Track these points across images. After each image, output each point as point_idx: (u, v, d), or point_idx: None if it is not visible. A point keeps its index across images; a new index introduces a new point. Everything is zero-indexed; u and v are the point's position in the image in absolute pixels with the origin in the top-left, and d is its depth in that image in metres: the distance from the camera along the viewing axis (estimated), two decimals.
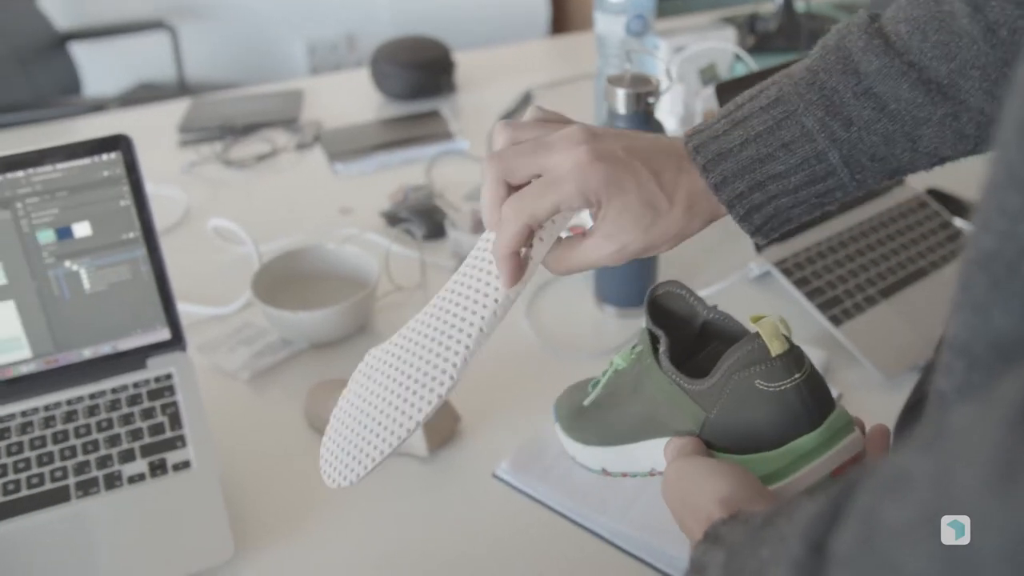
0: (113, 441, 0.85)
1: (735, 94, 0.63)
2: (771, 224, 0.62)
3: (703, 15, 1.86)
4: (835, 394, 0.89)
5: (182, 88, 2.73)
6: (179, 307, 0.94)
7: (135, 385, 0.89)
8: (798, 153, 0.59)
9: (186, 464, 0.83)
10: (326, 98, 1.77)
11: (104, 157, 0.87)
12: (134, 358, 0.92)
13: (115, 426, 0.86)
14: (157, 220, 0.91)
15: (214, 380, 1.01)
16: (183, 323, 0.94)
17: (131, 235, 0.89)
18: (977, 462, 0.25)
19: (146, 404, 0.88)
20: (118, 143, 0.87)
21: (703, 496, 0.52)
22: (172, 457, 0.84)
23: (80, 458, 0.84)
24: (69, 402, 0.88)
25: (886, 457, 0.30)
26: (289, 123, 1.64)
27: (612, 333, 1.07)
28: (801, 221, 0.63)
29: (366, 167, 1.48)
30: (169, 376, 0.90)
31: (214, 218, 1.29)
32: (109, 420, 0.87)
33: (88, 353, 0.91)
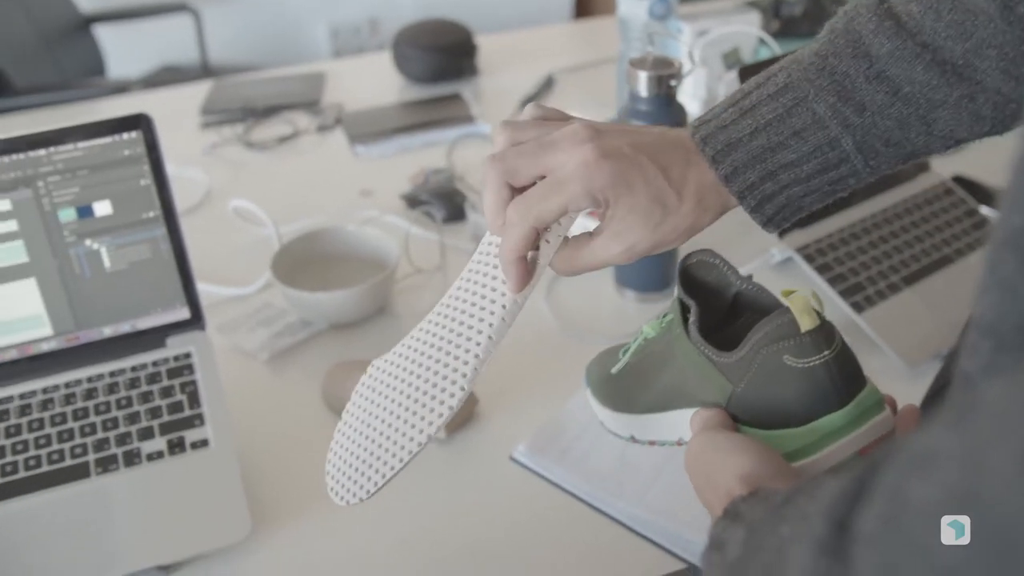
0: (132, 419, 0.85)
1: None
2: (783, 214, 0.60)
3: None
4: None
5: (205, 71, 2.74)
6: (199, 287, 0.94)
7: (154, 364, 0.90)
8: (810, 141, 0.57)
9: (204, 442, 0.84)
10: (348, 81, 1.77)
11: (125, 136, 0.87)
12: (154, 337, 0.92)
13: (134, 404, 0.87)
14: (178, 201, 0.92)
15: (233, 360, 1.02)
16: (203, 303, 0.94)
17: (151, 214, 0.89)
18: (1010, 440, 0.24)
19: (165, 383, 0.88)
20: (139, 122, 0.87)
21: (725, 471, 0.52)
22: (190, 435, 0.84)
23: (100, 435, 0.84)
24: (89, 380, 0.89)
25: (914, 434, 0.30)
26: (311, 105, 1.64)
27: (632, 317, 1.07)
28: (812, 209, 0.61)
29: (387, 150, 1.48)
30: (188, 355, 0.91)
31: (235, 199, 1.30)
32: (128, 398, 0.87)
33: (108, 331, 0.91)
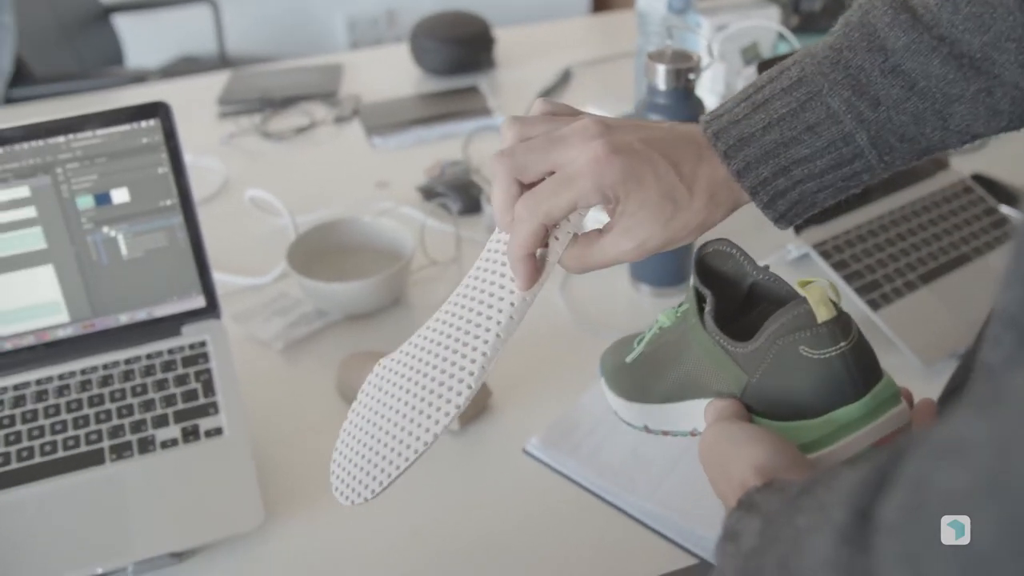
0: (147, 406, 0.86)
1: None
2: (795, 210, 0.59)
3: None
4: None
5: (223, 61, 2.74)
6: (215, 276, 0.94)
7: (170, 351, 0.90)
8: (824, 136, 0.56)
9: (218, 431, 0.84)
10: (365, 72, 1.77)
11: (143, 124, 0.87)
12: (169, 325, 0.92)
13: (149, 391, 0.87)
14: (196, 190, 0.92)
15: (248, 349, 1.02)
16: (219, 292, 0.95)
17: (168, 202, 0.90)
18: None
19: (180, 371, 0.89)
20: (157, 110, 0.88)
21: (739, 462, 0.51)
22: (205, 423, 0.85)
23: (115, 422, 0.85)
24: (105, 367, 0.89)
25: (936, 424, 0.30)
26: (328, 96, 1.65)
27: (646, 312, 1.07)
28: (825, 205, 0.60)
29: (403, 141, 1.48)
30: (203, 343, 0.91)
31: (251, 189, 1.30)
32: (143, 385, 0.87)
33: (124, 319, 0.91)
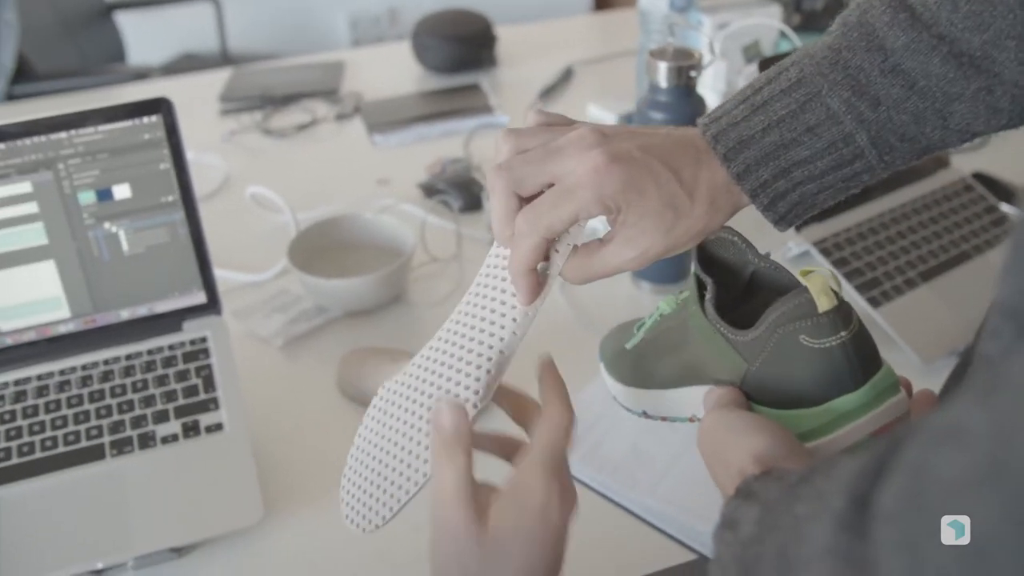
0: (148, 402, 0.86)
1: None
2: (795, 211, 0.59)
3: None
4: None
5: (225, 59, 2.75)
6: (216, 273, 0.94)
7: (170, 347, 0.90)
8: (824, 137, 0.56)
9: (219, 426, 0.84)
10: (367, 70, 1.77)
11: (145, 120, 0.87)
12: (170, 321, 0.92)
13: (150, 387, 0.87)
14: (197, 187, 0.92)
15: (248, 346, 1.02)
16: (219, 289, 0.95)
17: (170, 198, 0.90)
18: None
19: (181, 366, 0.89)
20: (159, 106, 0.88)
21: (738, 451, 0.51)
22: (205, 419, 0.85)
23: (115, 417, 0.85)
24: (106, 362, 0.89)
25: (935, 412, 0.30)
26: (329, 94, 1.65)
27: (647, 309, 1.06)
28: (825, 206, 0.60)
29: (405, 139, 1.48)
30: (204, 339, 0.91)
31: (253, 186, 1.30)
32: (144, 381, 0.88)
33: (126, 314, 0.92)
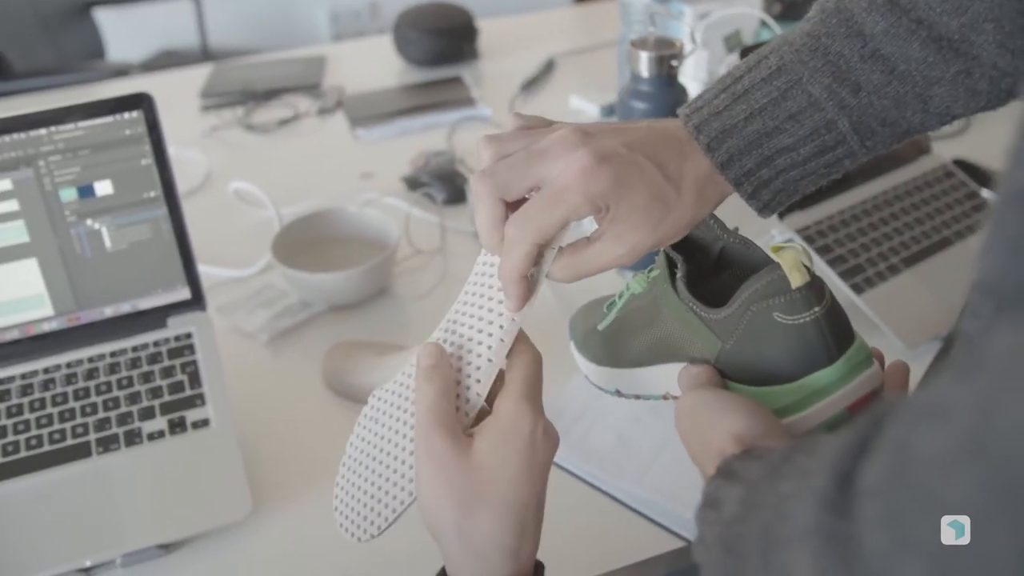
0: (133, 399, 0.86)
1: None
2: (778, 199, 0.59)
3: None
4: None
5: (205, 55, 2.73)
6: (199, 269, 0.94)
7: (155, 344, 0.90)
8: (806, 124, 0.56)
9: (205, 422, 0.84)
10: (348, 64, 1.77)
11: (126, 116, 0.87)
12: (154, 317, 0.92)
13: (135, 384, 0.87)
14: (179, 183, 0.92)
15: (233, 342, 1.02)
16: (203, 285, 0.94)
17: (152, 194, 0.89)
18: (1021, 389, 0.24)
19: (166, 363, 0.88)
20: (140, 102, 0.87)
21: (717, 431, 0.52)
22: (191, 415, 0.85)
23: (101, 415, 0.84)
24: (91, 360, 0.89)
25: (917, 390, 0.30)
26: (311, 88, 1.64)
27: None
28: (807, 192, 0.60)
29: (387, 132, 1.48)
30: (189, 335, 0.91)
31: (236, 181, 1.30)
32: (129, 378, 0.87)
33: (109, 311, 0.91)
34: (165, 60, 2.82)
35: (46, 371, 0.88)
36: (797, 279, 0.52)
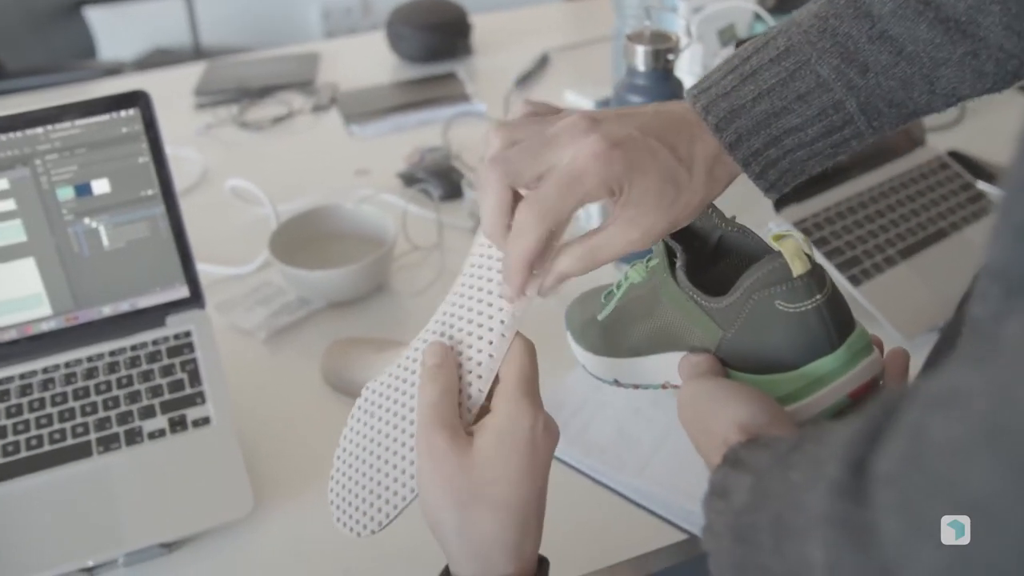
0: (133, 397, 0.86)
1: None
2: (785, 179, 0.60)
3: None
4: None
5: (197, 53, 2.72)
6: (196, 266, 0.94)
7: (154, 342, 0.90)
8: (814, 104, 0.57)
9: (206, 420, 0.84)
10: (342, 61, 1.76)
11: (123, 114, 0.87)
12: (153, 316, 0.92)
13: (135, 383, 0.87)
14: (174, 182, 0.91)
15: (232, 339, 1.02)
16: (201, 283, 0.94)
17: (150, 192, 0.89)
18: None
19: (165, 361, 0.88)
20: (136, 99, 0.87)
21: (721, 420, 0.52)
22: (192, 413, 0.84)
23: (101, 414, 0.84)
24: (89, 359, 0.89)
25: (930, 377, 0.30)
26: (305, 86, 1.64)
27: None
28: (813, 172, 0.61)
29: (382, 129, 1.48)
30: (188, 334, 0.91)
31: (232, 178, 1.29)
32: (129, 377, 0.87)
33: (108, 310, 0.91)
34: (157, 58, 2.81)
35: (45, 371, 0.88)
36: (799, 267, 0.52)
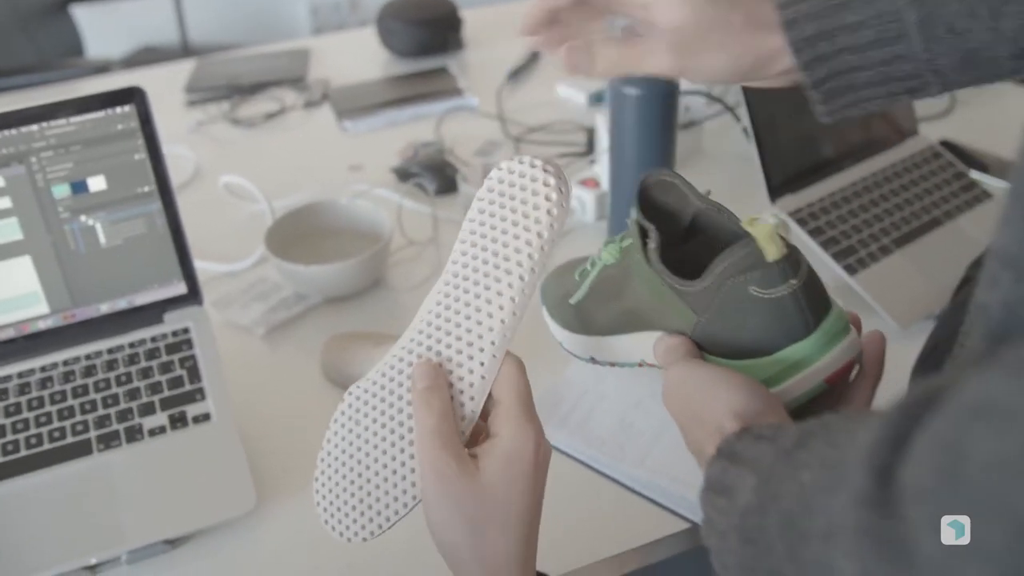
0: (133, 395, 0.85)
1: None
2: (832, 83, 0.59)
3: None
4: None
5: (185, 51, 2.71)
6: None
7: (153, 339, 0.90)
8: (875, 5, 0.57)
9: (206, 416, 0.84)
10: (333, 57, 1.76)
11: (118, 110, 0.87)
12: (151, 312, 0.92)
13: (134, 380, 0.86)
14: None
15: (229, 336, 1.02)
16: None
17: (146, 189, 0.89)
18: None
19: (164, 358, 0.88)
20: (132, 96, 0.87)
21: (713, 407, 0.51)
22: (192, 410, 0.84)
23: (100, 412, 0.84)
24: (88, 357, 0.88)
25: (962, 384, 0.29)
26: (296, 82, 1.63)
27: None
28: (860, 100, 0.60)
29: (374, 124, 1.47)
30: (186, 330, 0.90)
31: (226, 175, 1.29)
32: (128, 374, 0.87)
33: (105, 308, 0.91)
34: (145, 56, 2.80)
35: (43, 369, 0.87)
36: (772, 252, 0.51)
